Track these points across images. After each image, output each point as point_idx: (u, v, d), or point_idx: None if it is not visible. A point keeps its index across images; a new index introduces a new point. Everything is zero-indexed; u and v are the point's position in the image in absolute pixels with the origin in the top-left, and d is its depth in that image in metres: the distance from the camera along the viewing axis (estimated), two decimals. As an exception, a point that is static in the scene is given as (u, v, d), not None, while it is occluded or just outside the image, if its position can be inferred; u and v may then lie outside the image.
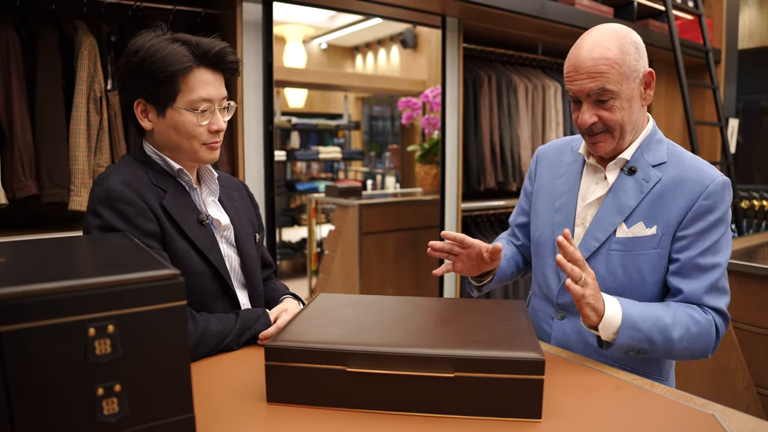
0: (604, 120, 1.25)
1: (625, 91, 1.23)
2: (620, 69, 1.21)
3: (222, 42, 1.22)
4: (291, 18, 5.06)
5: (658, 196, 1.26)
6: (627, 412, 0.95)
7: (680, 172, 1.26)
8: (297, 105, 6.13)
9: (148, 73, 1.16)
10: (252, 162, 2.47)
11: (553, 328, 1.39)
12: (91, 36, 2.10)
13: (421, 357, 0.90)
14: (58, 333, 0.66)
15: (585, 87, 1.23)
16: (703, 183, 1.23)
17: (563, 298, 1.37)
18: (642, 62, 1.25)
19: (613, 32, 1.24)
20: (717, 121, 3.63)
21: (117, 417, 0.71)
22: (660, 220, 1.25)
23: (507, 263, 1.52)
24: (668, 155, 1.30)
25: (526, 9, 2.90)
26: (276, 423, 0.90)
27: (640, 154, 1.30)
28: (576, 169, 1.41)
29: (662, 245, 1.26)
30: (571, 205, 1.38)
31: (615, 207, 1.29)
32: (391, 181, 5.90)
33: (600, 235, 1.30)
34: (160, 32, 1.20)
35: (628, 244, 1.28)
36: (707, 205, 1.22)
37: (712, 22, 4.04)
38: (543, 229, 1.43)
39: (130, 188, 1.14)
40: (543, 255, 1.43)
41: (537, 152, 1.57)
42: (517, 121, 3.51)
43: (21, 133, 1.99)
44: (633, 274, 1.28)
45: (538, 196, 1.48)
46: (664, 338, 1.17)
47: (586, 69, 1.22)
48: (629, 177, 1.29)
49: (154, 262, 0.77)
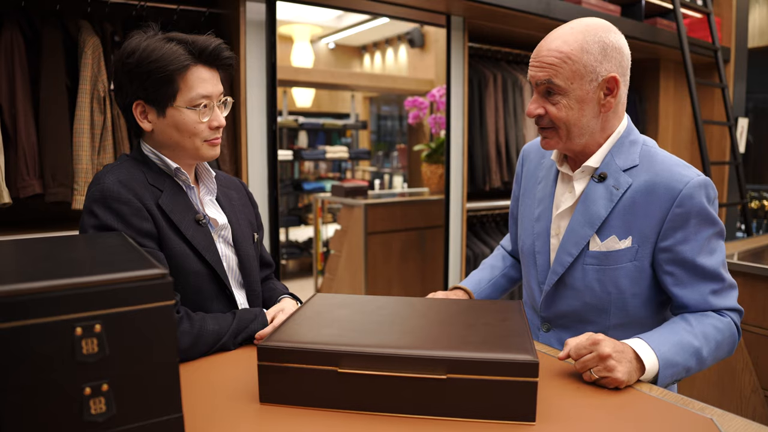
0: (550, 115, 1.20)
1: (576, 91, 1.17)
2: (572, 66, 1.15)
3: (217, 39, 1.22)
4: (298, 18, 5.06)
5: (630, 206, 1.20)
6: (623, 416, 0.93)
7: (651, 177, 1.19)
8: (305, 104, 6.15)
9: (145, 73, 1.16)
10: (255, 161, 2.47)
11: (540, 340, 1.36)
12: (95, 36, 2.11)
13: (413, 358, 0.89)
14: (44, 332, 0.66)
15: (534, 75, 1.19)
16: (674, 188, 1.16)
17: (546, 311, 1.33)
18: (606, 65, 1.16)
19: (583, 28, 1.17)
20: (726, 120, 3.59)
21: (104, 416, 0.71)
22: (634, 232, 1.19)
23: (493, 288, 1.53)
24: (641, 157, 1.22)
25: (531, 8, 2.88)
26: (267, 424, 0.89)
27: (610, 158, 1.23)
28: (552, 174, 1.35)
29: (639, 257, 1.20)
30: (547, 215, 1.33)
31: (584, 218, 1.23)
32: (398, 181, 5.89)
33: (573, 249, 1.25)
34: (152, 32, 1.20)
35: (602, 258, 1.22)
36: (681, 212, 1.15)
37: (721, 20, 3.99)
38: (525, 238, 1.39)
39: (126, 187, 1.14)
40: (526, 265, 1.39)
41: (522, 151, 1.51)
42: (523, 120, 3.49)
43: (25, 132, 2.01)
44: (611, 288, 1.23)
45: (524, 202, 1.43)
46: (698, 360, 1.13)
47: (540, 57, 1.18)
48: (599, 184, 1.23)
49: (144, 262, 0.77)
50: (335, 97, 6.61)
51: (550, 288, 1.30)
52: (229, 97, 1.28)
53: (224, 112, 1.27)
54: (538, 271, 1.34)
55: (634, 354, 1.06)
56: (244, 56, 2.37)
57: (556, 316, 1.32)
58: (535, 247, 1.34)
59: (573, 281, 1.26)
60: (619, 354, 1.03)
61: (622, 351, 1.04)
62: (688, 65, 3.21)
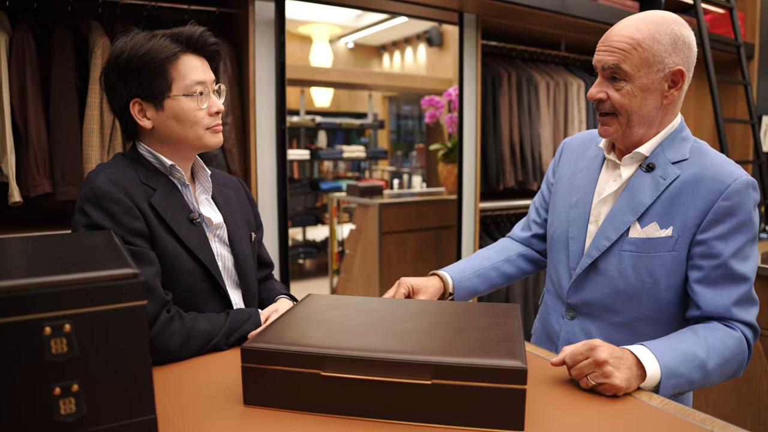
0: (612, 100, 1.20)
1: (641, 79, 1.17)
2: (642, 53, 1.15)
3: (200, 27, 1.23)
4: (317, 18, 5.06)
5: (675, 195, 1.19)
6: (617, 426, 0.89)
7: (700, 170, 1.18)
8: (323, 104, 6.15)
9: (138, 69, 1.17)
10: (264, 160, 2.46)
11: (563, 328, 1.34)
12: (105, 36, 2.12)
13: (397, 362, 0.87)
14: (12, 331, 0.65)
15: (603, 59, 1.19)
16: (723, 182, 1.15)
17: (574, 297, 1.31)
18: (674, 58, 1.17)
19: (657, 18, 1.18)
20: (749, 118, 3.49)
21: (74, 417, 0.70)
22: (676, 221, 1.18)
23: (480, 279, 1.48)
24: (691, 152, 1.22)
25: (545, 4, 2.82)
26: (249, 426, 0.88)
27: (660, 150, 1.23)
28: (596, 164, 1.35)
29: (678, 248, 1.18)
30: (587, 201, 1.32)
31: (629, 205, 1.23)
32: (417, 181, 5.87)
33: (612, 234, 1.24)
34: (135, 32, 1.20)
35: (640, 245, 1.21)
36: (728, 206, 1.14)
37: (745, 15, 3.88)
38: (558, 224, 1.39)
39: (117, 186, 1.13)
40: (556, 251, 1.39)
41: (563, 143, 1.52)
42: (538, 119, 3.43)
43: (35, 131, 2.03)
44: (645, 276, 1.21)
45: (557, 190, 1.44)
46: (703, 374, 1.09)
47: (610, 42, 1.18)
48: (646, 174, 1.23)
49: (120, 261, 0.76)
50: (354, 96, 6.60)
51: (582, 272, 1.29)
52: (222, 84, 1.29)
53: (220, 99, 1.27)
54: (570, 257, 1.33)
55: (635, 360, 1.02)
56: (254, 55, 2.37)
57: (584, 303, 1.30)
58: (569, 232, 1.33)
59: (607, 267, 1.25)
60: (616, 360, 0.99)
61: (621, 357, 1.00)
62: (709, 62, 3.12)
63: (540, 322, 1.48)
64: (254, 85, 2.38)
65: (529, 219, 1.58)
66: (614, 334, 1.26)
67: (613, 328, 1.27)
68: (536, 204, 1.56)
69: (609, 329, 1.27)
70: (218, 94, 1.27)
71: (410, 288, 1.35)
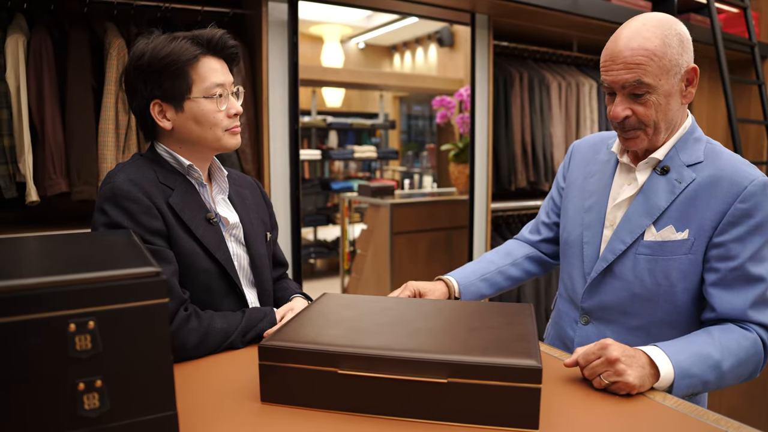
0: (638, 115, 1.18)
1: (664, 86, 1.15)
2: (660, 62, 1.14)
3: (220, 29, 1.25)
4: (329, 18, 5.08)
5: (692, 198, 1.18)
6: (631, 425, 0.90)
7: (715, 172, 1.18)
8: (334, 104, 6.17)
9: (159, 71, 1.18)
10: (277, 161, 2.48)
11: (577, 333, 1.34)
12: (120, 37, 2.15)
13: (413, 361, 0.88)
14: (38, 328, 0.67)
15: (620, 78, 1.16)
16: (740, 184, 1.14)
17: (588, 301, 1.31)
18: (686, 57, 1.17)
19: (657, 22, 1.16)
20: (763, 119, 3.46)
21: (98, 412, 0.71)
22: (692, 224, 1.18)
23: (486, 284, 1.47)
24: (705, 154, 1.21)
25: (557, 4, 2.82)
26: (266, 423, 0.89)
27: (674, 153, 1.23)
28: (609, 168, 1.35)
29: (694, 251, 1.18)
30: (601, 206, 1.32)
31: (644, 208, 1.22)
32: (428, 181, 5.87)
33: (627, 237, 1.24)
34: (156, 35, 1.22)
35: (656, 248, 1.21)
36: (744, 208, 1.13)
37: (759, 14, 3.85)
38: (571, 229, 1.38)
39: (136, 186, 1.15)
40: (570, 255, 1.38)
41: (572, 146, 1.51)
42: (550, 119, 3.43)
43: (52, 132, 2.05)
44: (661, 280, 1.21)
45: (568, 195, 1.43)
46: (717, 375, 1.09)
47: (623, 59, 1.15)
48: (661, 177, 1.22)
49: (141, 260, 0.77)
50: (365, 96, 6.61)
51: (597, 276, 1.28)
52: (240, 87, 1.30)
53: (238, 101, 1.29)
54: (585, 262, 1.32)
55: (648, 360, 1.03)
56: (267, 56, 2.38)
57: (599, 308, 1.30)
58: (584, 237, 1.33)
59: (622, 270, 1.25)
60: (629, 358, 0.99)
61: (633, 356, 1.01)
62: (723, 62, 3.10)
63: (553, 327, 1.47)
64: (267, 85, 2.40)
65: (538, 222, 1.57)
66: (629, 338, 1.25)
67: (629, 332, 1.27)
68: (546, 207, 1.55)
69: (624, 333, 1.27)
70: (237, 96, 1.29)
71: (416, 291, 1.35)
